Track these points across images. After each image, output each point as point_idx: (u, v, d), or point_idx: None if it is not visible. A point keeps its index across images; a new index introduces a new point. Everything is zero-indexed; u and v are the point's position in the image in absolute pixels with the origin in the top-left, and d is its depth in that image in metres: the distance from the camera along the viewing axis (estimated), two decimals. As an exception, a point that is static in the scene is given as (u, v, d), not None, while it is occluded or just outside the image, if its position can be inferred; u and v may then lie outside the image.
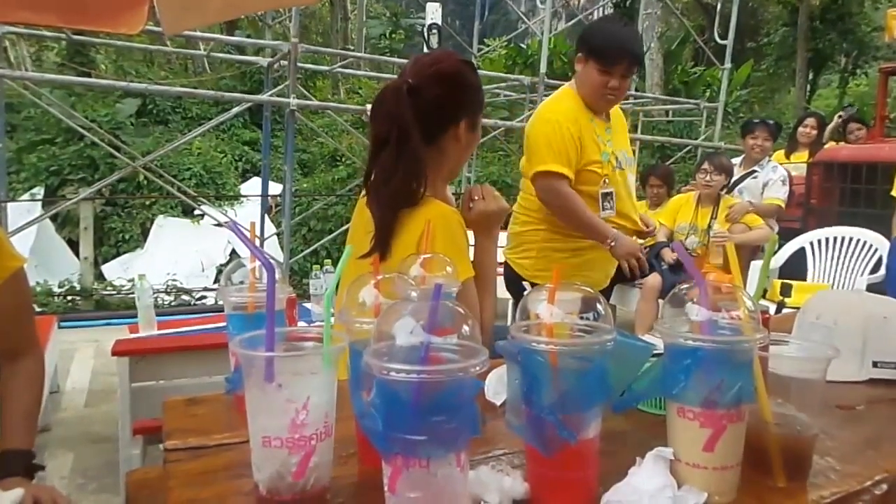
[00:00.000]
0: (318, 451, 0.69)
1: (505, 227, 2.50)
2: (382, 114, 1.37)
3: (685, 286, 0.79)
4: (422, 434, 0.60)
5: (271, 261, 0.95)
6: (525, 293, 0.80)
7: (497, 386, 1.05)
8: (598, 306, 0.74)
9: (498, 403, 1.02)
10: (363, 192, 1.48)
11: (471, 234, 1.48)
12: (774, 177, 4.30)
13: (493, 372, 1.05)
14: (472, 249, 1.48)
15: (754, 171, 4.37)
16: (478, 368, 0.61)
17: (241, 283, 1.08)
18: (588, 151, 2.28)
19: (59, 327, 4.11)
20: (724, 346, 0.71)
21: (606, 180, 2.30)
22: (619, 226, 2.38)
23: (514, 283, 2.44)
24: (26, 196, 7.90)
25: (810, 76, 17.94)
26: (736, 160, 4.63)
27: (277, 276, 0.82)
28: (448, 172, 1.50)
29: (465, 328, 0.65)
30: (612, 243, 2.29)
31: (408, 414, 0.60)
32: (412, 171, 1.34)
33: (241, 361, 0.71)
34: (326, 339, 0.71)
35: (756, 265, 3.89)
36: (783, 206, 4.29)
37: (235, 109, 5.80)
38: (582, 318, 0.74)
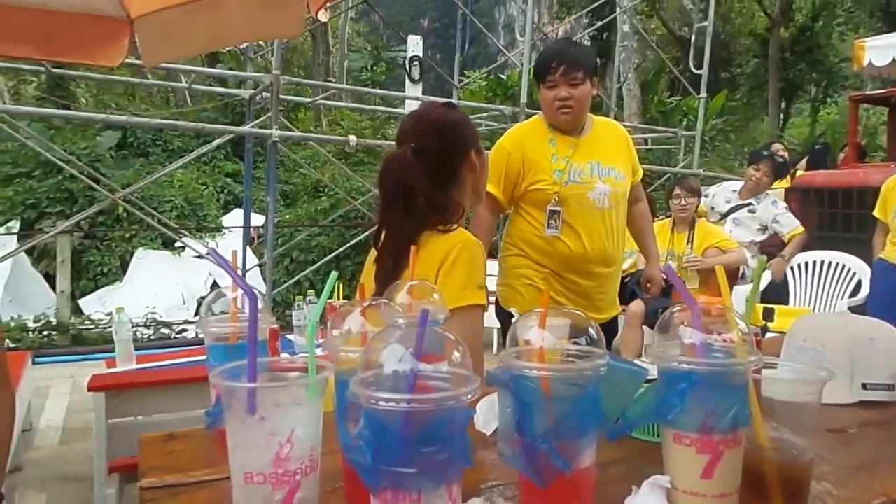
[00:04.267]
0: (302, 487, 0.66)
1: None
2: (389, 176, 1.46)
3: (676, 309, 0.78)
4: (412, 466, 0.57)
5: (254, 290, 0.93)
6: (513, 320, 0.79)
7: (487, 415, 1.02)
8: (591, 330, 0.73)
9: (488, 433, 0.99)
10: (373, 250, 1.55)
11: None
12: (778, 210, 4.36)
13: (482, 401, 1.02)
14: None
15: (751, 204, 4.42)
16: (469, 397, 0.59)
17: (223, 313, 1.05)
18: (535, 171, 2.27)
19: (34, 363, 4.01)
20: (719, 369, 0.70)
21: (556, 198, 2.24)
22: (566, 245, 2.27)
23: (501, 313, 2.41)
24: (1, 230, 7.77)
25: (783, 105, 18.42)
26: (735, 186, 4.69)
27: (260, 305, 0.80)
28: (476, 197, 1.64)
29: (456, 355, 0.63)
30: None
31: (397, 445, 0.57)
32: (421, 222, 1.44)
33: (222, 393, 0.68)
34: (311, 368, 0.69)
35: (739, 290, 3.91)
36: (804, 228, 4.35)
37: (217, 141, 5.78)
38: (574, 342, 0.72)
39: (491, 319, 2.36)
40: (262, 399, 0.65)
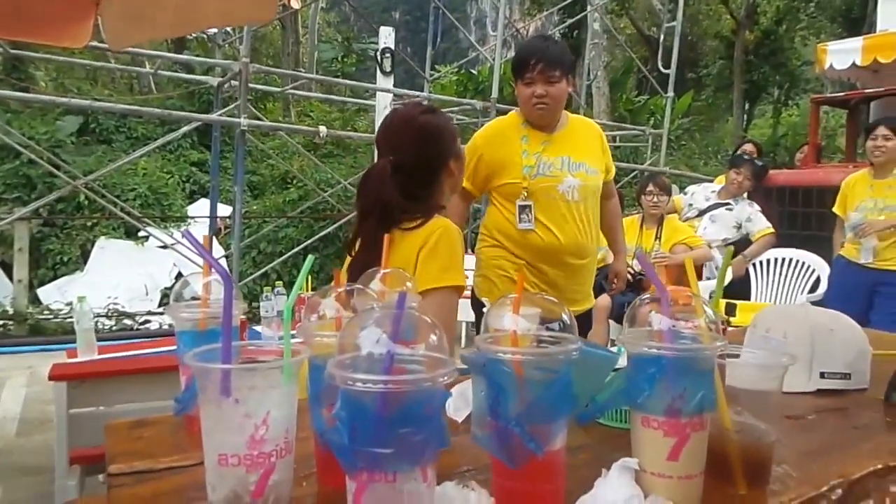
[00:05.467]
0: (277, 469, 0.66)
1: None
2: (367, 191, 1.52)
3: (646, 297, 0.80)
4: (388, 447, 0.58)
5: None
6: (484, 309, 0.80)
7: (457, 402, 1.03)
8: (564, 316, 0.74)
9: (459, 420, 1.00)
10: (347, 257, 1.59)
11: None
12: (752, 210, 4.46)
13: (454, 388, 1.03)
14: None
15: (729, 204, 4.52)
16: (445, 378, 0.60)
17: (193, 299, 1.04)
18: (507, 167, 2.31)
19: (-10, 353, 3.89)
20: (686, 354, 0.72)
21: (525, 193, 2.28)
22: (539, 237, 2.29)
23: (476, 303, 2.43)
24: (-44, 216, 7.52)
25: (746, 106, 18.83)
26: (715, 187, 4.78)
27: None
28: (451, 193, 1.69)
29: (433, 338, 0.63)
30: None
31: (374, 425, 0.58)
32: (392, 226, 1.47)
33: (196, 375, 0.67)
34: (287, 351, 0.69)
35: (703, 286, 3.99)
36: (774, 231, 4.44)
37: (183, 129, 5.66)
38: (547, 328, 0.73)
39: (463, 312, 2.37)
40: (238, 382, 0.65)
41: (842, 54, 6.08)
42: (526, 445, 0.68)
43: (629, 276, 3.98)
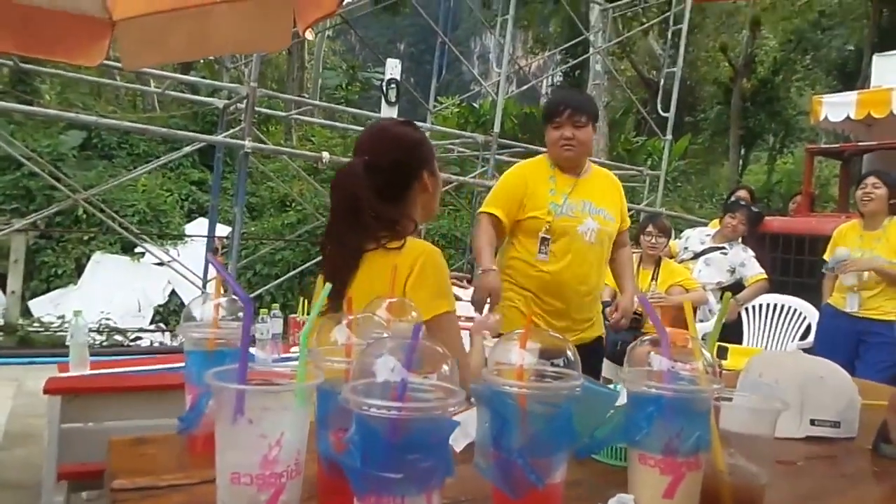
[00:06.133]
0: (287, 490, 0.68)
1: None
2: (341, 187, 1.50)
3: (646, 339, 0.84)
4: (398, 472, 0.60)
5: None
6: (489, 342, 0.82)
7: (456, 432, 1.05)
8: (568, 353, 0.77)
9: (458, 450, 1.02)
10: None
11: None
12: (746, 255, 4.51)
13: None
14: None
15: (723, 248, 4.57)
16: (455, 408, 0.63)
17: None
18: (534, 202, 2.48)
19: (-22, 364, 3.87)
20: (685, 395, 0.75)
21: (548, 226, 2.45)
22: (556, 272, 2.44)
23: None
24: (-48, 224, 7.51)
25: (742, 152, 19.12)
26: (710, 231, 4.85)
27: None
28: (425, 216, 1.64)
29: (445, 368, 0.66)
30: (478, 272, 2.48)
31: (385, 451, 0.60)
32: (366, 235, 1.46)
33: (213, 394, 0.70)
34: (301, 375, 0.71)
35: (700, 327, 4.03)
36: (767, 277, 4.48)
37: (186, 149, 5.72)
38: (552, 363, 0.76)
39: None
40: (251, 403, 0.67)
41: (836, 107, 6.22)
42: (527, 477, 0.70)
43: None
